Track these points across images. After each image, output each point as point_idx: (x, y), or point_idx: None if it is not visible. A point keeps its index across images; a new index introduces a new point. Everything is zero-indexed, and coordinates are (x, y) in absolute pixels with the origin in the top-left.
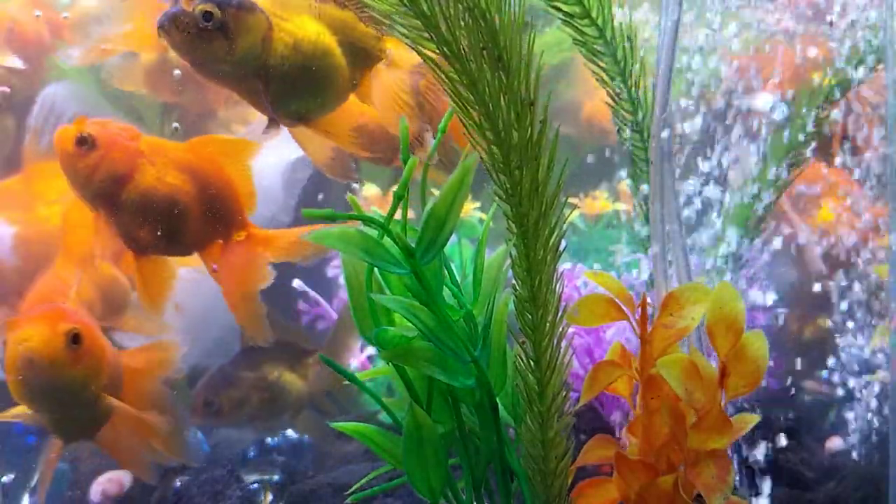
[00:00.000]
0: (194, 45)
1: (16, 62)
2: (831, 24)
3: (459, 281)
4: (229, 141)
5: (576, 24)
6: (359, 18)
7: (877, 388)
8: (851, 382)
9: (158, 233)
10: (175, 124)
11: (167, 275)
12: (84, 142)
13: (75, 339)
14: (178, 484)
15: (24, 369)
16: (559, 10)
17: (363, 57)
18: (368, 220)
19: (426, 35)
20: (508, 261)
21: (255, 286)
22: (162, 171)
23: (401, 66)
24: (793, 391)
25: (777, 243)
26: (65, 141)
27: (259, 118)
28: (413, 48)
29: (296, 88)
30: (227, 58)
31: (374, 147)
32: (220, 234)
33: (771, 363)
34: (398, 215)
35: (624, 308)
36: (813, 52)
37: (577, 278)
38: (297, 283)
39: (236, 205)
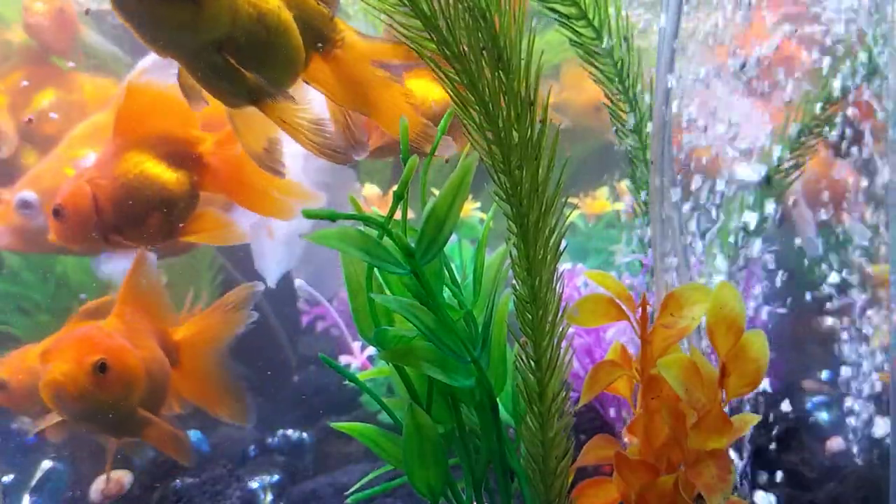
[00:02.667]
0: (158, 8)
1: None
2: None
3: (459, 281)
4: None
5: (572, 26)
6: None
7: (877, 388)
8: (851, 382)
9: (160, 215)
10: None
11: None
12: (57, 213)
13: (102, 368)
14: (179, 484)
15: (55, 398)
16: (555, 11)
17: (313, 37)
18: (368, 220)
19: (426, 35)
20: (508, 261)
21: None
22: (117, 179)
23: (359, 57)
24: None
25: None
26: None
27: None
28: (413, 48)
29: (257, 65)
30: (192, 26)
31: (333, 150)
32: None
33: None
34: (398, 215)
35: (624, 308)
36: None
37: (577, 278)
38: (298, 283)
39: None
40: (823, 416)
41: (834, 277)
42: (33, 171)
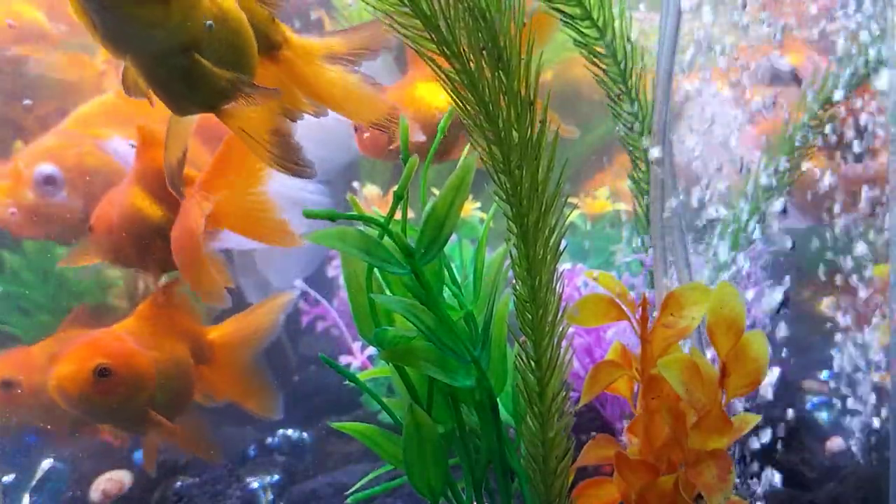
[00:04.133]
0: (126, 8)
1: None
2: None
3: (460, 281)
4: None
5: (576, 26)
6: None
7: (877, 388)
8: (851, 382)
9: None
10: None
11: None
12: (90, 230)
13: (103, 372)
14: (179, 484)
15: (61, 400)
16: (560, 11)
17: (260, 41)
18: (368, 220)
19: (426, 35)
20: (508, 261)
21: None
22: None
23: (309, 55)
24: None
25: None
26: None
27: None
28: (413, 48)
29: (223, 68)
30: (161, 25)
31: (295, 162)
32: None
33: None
34: (398, 215)
35: (624, 308)
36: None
37: (577, 278)
38: (297, 282)
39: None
40: (823, 416)
41: (834, 276)
42: (44, 145)
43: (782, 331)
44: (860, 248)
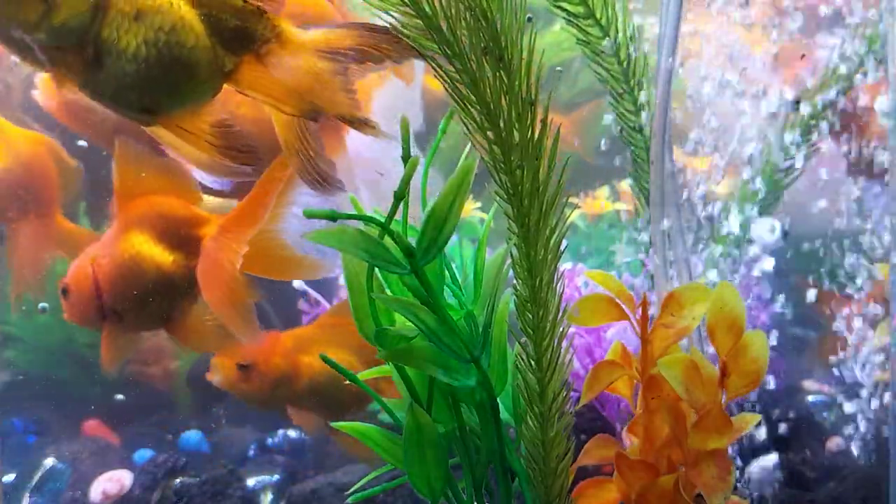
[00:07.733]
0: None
1: None
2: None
3: (460, 281)
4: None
5: (580, 25)
6: None
7: (877, 388)
8: (851, 382)
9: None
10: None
11: None
12: (64, 292)
13: (243, 367)
14: (179, 484)
15: (215, 381)
16: (563, 9)
17: (239, 38)
18: (369, 220)
19: (427, 35)
20: (509, 260)
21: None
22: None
23: (301, 48)
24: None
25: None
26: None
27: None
28: (414, 48)
29: (139, 73)
30: (41, 25)
31: (239, 149)
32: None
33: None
34: (399, 215)
35: (624, 308)
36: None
37: (577, 278)
38: (297, 282)
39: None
40: (823, 416)
41: (834, 276)
42: None
43: (783, 330)
44: (861, 246)
